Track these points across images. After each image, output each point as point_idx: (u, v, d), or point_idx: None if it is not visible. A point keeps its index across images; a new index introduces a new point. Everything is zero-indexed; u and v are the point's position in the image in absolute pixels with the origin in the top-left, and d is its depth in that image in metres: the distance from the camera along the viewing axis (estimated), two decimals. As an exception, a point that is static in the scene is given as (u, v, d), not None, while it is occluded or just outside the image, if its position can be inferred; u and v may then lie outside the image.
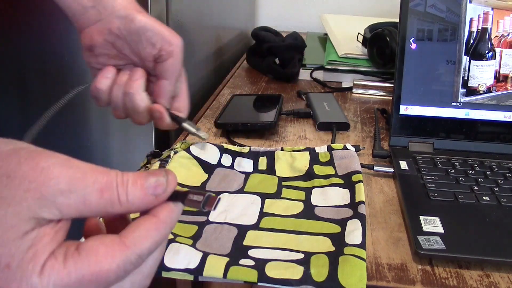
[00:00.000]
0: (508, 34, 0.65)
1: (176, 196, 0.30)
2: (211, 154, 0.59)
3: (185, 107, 0.57)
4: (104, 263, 0.26)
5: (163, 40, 0.51)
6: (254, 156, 0.60)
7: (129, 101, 0.52)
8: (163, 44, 0.51)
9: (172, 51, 0.51)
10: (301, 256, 0.43)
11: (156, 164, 0.55)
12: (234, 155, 0.60)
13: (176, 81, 0.54)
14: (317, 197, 0.53)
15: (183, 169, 0.56)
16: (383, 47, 0.92)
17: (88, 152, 0.76)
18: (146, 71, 0.54)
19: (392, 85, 0.68)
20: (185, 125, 0.55)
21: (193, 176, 0.56)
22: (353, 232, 0.45)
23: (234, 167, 0.59)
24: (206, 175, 0.57)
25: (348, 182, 0.55)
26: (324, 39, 1.19)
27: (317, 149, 0.61)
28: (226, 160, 0.60)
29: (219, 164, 0.59)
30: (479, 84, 0.66)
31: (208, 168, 0.58)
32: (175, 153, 0.58)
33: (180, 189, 0.31)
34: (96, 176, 0.28)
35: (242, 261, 0.41)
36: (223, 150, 0.60)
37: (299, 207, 0.51)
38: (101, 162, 0.79)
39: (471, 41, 0.65)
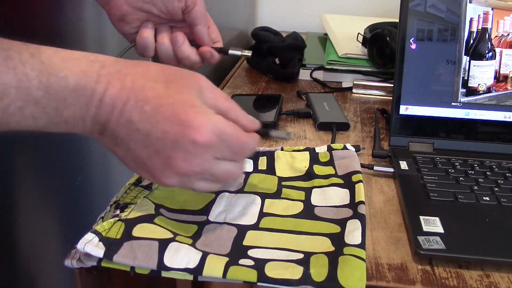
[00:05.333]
0: (508, 34, 0.65)
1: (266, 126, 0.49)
2: None
3: (219, 35, 0.64)
4: (244, 136, 0.42)
5: None
6: (254, 156, 0.60)
7: (181, 52, 0.60)
8: None
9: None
10: (301, 256, 0.43)
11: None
12: None
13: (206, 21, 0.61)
14: (317, 197, 0.53)
15: None
16: (383, 47, 0.92)
17: (88, 152, 0.76)
18: (177, 21, 0.61)
19: (392, 85, 0.68)
20: (231, 51, 0.63)
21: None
22: (353, 232, 0.45)
23: (234, 167, 0.59)
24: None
25: (348, 182, 0.55)
26: (324, 39, 1.19)
27: (317, 149, 0.61)
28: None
29: (219, 164, 0.59)
30: (479, 84, 0.66)
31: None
32: None
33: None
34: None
35: (241, 261, 0.41)
36: None
37: (299, 207, 0.51)
38: (101, 161, 0.79)
39: (471, 41, 0.65)
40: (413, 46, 0.66)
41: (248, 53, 0.64)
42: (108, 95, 0.39)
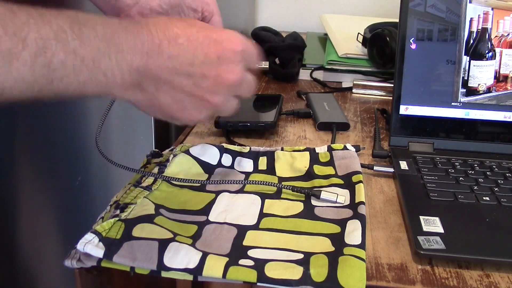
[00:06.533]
0: (508, 34, 0.65)
1: None
2: (211, 155, 0.59)
3: None
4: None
5: (202, 2, 0.57)
6: (254, 156, 0.60)
7: None
8: (203, 6, 0.58)
9: (212, 9, 0.58)
10: (301, 256, 0.43)
11: (155, 169, 0.55)
12: (234, 154, 0.60)
13: None
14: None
15: (183, 171, 0.56)
16: (383, 47, 0.92)
17: (88, 152, 0.76)
18: None
19: (392, 85, 0.68)
20: None
21: (192, 177, 0.56)
22: (353, 233, 0.45)
23: (234, 167, 0.59)
24: (206, 175, 0.57)
25: (348, 182, 0.55)
26: (324, 39, 1.19)
27: (317, 149, 0.61)
28: (226, 160, 0.60)
29: (219, 165, 0.59)
30: (479, 84, 0.66)
31: (208, 168, 0.58)
32: (174, 155, 0.57)
33: None
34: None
35: (241, 261, 0.41)
36: (223, 150, 0.60)
37: (299, 207, 0.51)
38: (101, 161, 0.79)
39: (471, 41, 0.65)
40: (413, 46, 0.66)
41: (265, 65, 0.64)
42: (139, 41, 0.41)
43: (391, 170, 0.60)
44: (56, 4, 0.38)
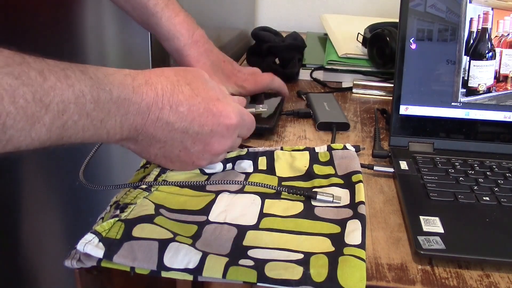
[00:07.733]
0: (508, 34, 0.65)
1: None
2: None
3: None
4: (251, 115, 0.55)
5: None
6: (253, 156, 0.60)
7: None
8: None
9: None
10: (301, 256, 0.43)
11: (156, 169, 0.55)
12: (234, 160, 0.60)
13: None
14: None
15: (183, 174, 0.56)
16: (383, 47, 0.92)
17: (88, 152, 0.76)
18: None
19: (392, 85, 0.68)
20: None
21: (192, 178, 0.56)
22: (353, 233, 0.45)
23: (234, 168, 0.59)
24: (206, 176, 0.57)
25: (348, 182, 0.55)
26: (324, 39, 1.19)
27: (317, 149, 0.61)
28: (227, 164, 0.59)
29: (219, 165, 0.59)
30: (479, 84, 0.66)
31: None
32: None
33: None
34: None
35: (241, 261, 0.41)
36: (224, 160, 0.59)
37: (299, 207, 0.51)
38: (101, 161, 0.79)
39: (471, 41, 0.65)
40: (413, 46, 0.66)
41: (263, 108, 0.68)
42: (144, 104, 0.44)
43: (391, 170, 0.60)
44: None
